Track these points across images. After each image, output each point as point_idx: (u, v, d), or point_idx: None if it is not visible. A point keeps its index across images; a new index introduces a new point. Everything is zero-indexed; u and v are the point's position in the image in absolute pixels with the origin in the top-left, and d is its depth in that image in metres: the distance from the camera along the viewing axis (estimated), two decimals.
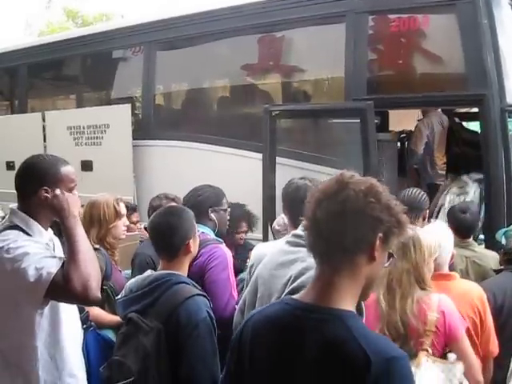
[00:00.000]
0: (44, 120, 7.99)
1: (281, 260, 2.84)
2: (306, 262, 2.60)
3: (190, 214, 3.17)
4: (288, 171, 5.57)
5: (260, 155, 5.60)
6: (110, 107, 7.67)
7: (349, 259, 1.82)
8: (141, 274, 3.14)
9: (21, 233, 2.70)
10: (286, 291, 2.59)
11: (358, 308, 2.58)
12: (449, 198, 5.86)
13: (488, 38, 4.91)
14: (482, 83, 4.89)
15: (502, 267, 4.08)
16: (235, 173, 5.94)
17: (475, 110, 6.13)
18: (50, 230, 2.91)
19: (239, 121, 6.83)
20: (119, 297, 3.05)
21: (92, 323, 3.58)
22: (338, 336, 1.73)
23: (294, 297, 1.94)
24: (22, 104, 9.13)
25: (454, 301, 3.06)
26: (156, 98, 7.39)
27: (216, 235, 4.02)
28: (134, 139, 6.92)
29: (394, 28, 5.48)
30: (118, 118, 7.11)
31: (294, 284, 2.60)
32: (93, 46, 7.88)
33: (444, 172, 7.00)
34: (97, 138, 7.29)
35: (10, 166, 8.42)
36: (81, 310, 3.14)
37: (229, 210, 4.27)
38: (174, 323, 2.70)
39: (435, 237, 3.29)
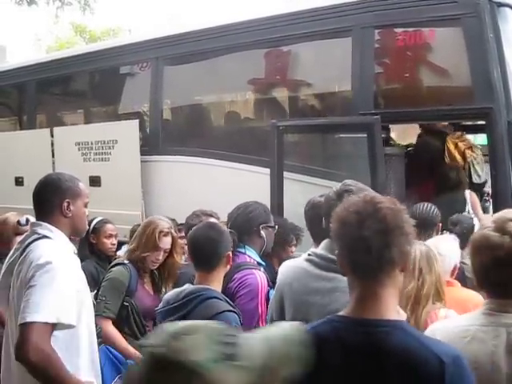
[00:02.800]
0: (52, 136, 7.99)
1: (314, 286, 2.79)
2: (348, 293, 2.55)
3: (227, 230, 3.34)
4: (296, 186, 5.62)
5: (268, 170, 5.60)
6: (118, 123, 7.70)
7: (394, 273, 1.94)
8: None
9: (52, 242, 2.85)
10: None
11: None
12: None
13: (494, 51, 4.93)
14: (489, 96, 4.90)
15: None
16: (243, 188, 5.92)
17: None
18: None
19: (247, 136, 6.86)
20: (158, 307, 3.20)
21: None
22: (409, 345, 1.84)
23: (341, 314, 2.00)
24: (31, 120, 9.15)
25: (449, 307, 3.09)
26: (164, 114, 7.41)
27: (262, 253, 4.03)
28: (142, 155, 6.93)
29: (400, 42, 5.52)
30: (126, 134, 7.13)
31: None
32: (101, 61, 7.91)
33: None
34: (105, 153, 7.30)
35: (18, 181, 8.45)
36: None
37: (276, 227, 4.22)
38: None
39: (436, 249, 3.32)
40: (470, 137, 7.27)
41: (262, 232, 4.01)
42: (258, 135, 6.57)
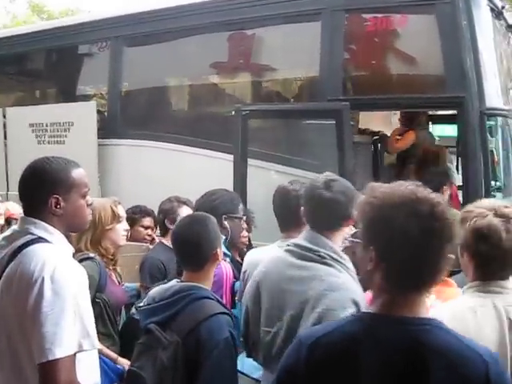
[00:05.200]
0: (5, 116, 7.65)
1: (291, 274, 2.77)
2: (325, 281, 2.60)
3: (214, 221, 3.03)
4: (260, 173, 5.46)
5: (231, 156, 5.38)
6: (74, 104, 7.38)
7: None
8: (152, 280, 3.16)
9: (53, 248, 2.40)
10: (312, 315, 2.56)
11: None
12: None
13: (467, 39, 4.83)
14: (461, 85, 4.80)
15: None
16: (205, 174, 5.73)
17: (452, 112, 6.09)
18: None
19: (210, 121, 6.60)
20: (141, 304, 2.96)
21: None
22: (453, 344, 1.74)
23: (370, 311, 1.86)
24: None
25: None
26: (123, 96, 7.13)
27: (227, 245, 3.85)
28: (99, 138, 6.66)
29: (371, 27, 5.36)
30: (83, 116, 6.85)
31: (318, 309, 2.55)
32: (58, 40, 7.60)
33: None
34: (60, 136, 6.99)
35: None
36: None
37: (244, 218, 4.03)
38: (194, 340, 2.62)
39: None
40: (438, 128, 7.20)
41: (224, 223, 3.84)
42: (222, 120, 6.33)
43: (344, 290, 2.55)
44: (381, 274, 1.80)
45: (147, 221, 5.21)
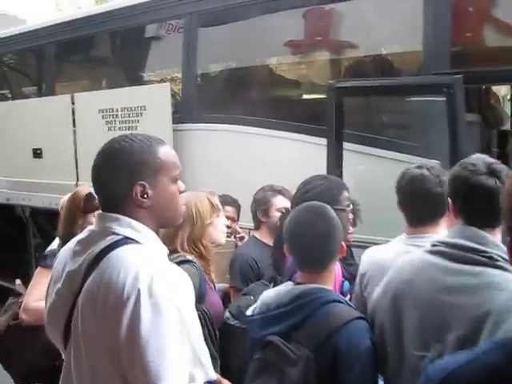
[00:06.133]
0: (73, 103, 7.34)
1: (452, 282, 2.17)
2: (508, 290, 2.02)
3: (331, 208, 2.55)
4: (357, 159, 4.87)
5: (324, 140, 4.80)
6: (146, 87, 7.01)
7: None
8: (244, 279, 2.83)
9: (144, 250, 1.92)
10: (498, 333, 1.93)
11: None
12: None
13: None
14: None
15: None
16: (293, 161, 5.20)
17: None
18: None
19: (298, 101, 6.05)
20: (252, 313, 2.54)
21: None
22: None
23: None
24: (50, 86, 8.52)
25: None
26: (199, 77, 6.66)
27: None
28: (174, 123, 6.22)
29: None
30: (156, 99, 6.41)
31: (506, 324, 1.94)
32: (126, 20, 7.18)
33: None
34: (132, 121, 6.58)
35: (36, 153, 7.89)
36: None
37: (350, 208, 3.33)
38: (330, 352, 2.23)
39: None
40: None
41: None
42: (313, 100, 5.79)
43: None
44: None
45: (225, 210, 4.74)
